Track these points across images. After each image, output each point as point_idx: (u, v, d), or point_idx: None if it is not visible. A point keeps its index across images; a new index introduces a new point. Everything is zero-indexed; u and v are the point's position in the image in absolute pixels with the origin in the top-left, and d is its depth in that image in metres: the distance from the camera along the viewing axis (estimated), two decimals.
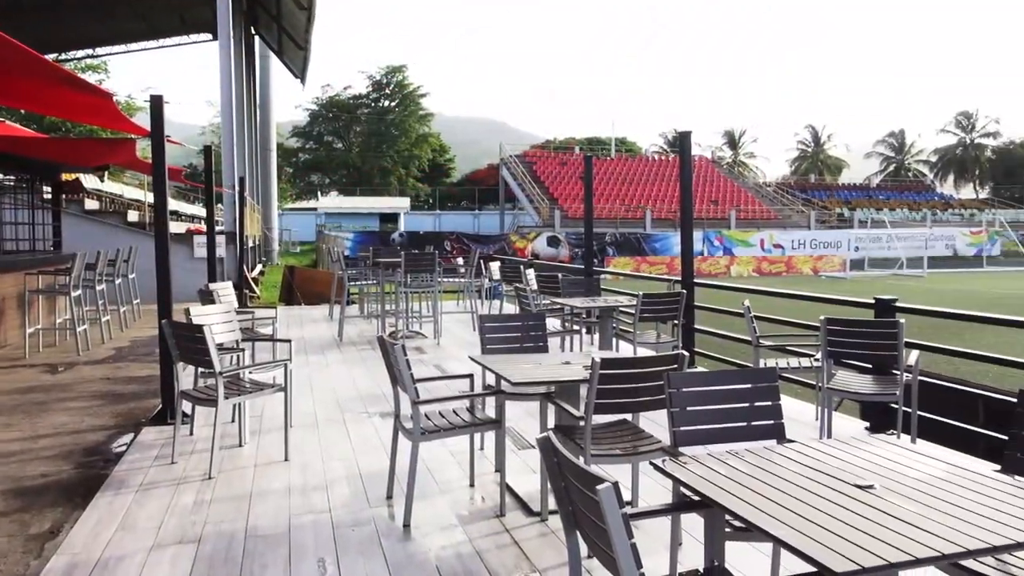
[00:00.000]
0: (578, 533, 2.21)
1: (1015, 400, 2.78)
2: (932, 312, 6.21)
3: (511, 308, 12.36)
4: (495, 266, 13.30)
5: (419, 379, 4.18)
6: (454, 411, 4.45)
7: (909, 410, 5.08)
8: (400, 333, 10.72)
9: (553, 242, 37.77)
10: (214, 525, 4.05)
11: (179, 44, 27.62)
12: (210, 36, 24.28)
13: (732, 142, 76.32)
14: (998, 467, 2.73)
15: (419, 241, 34.44)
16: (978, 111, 72.70)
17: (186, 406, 5.54)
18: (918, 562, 1.75)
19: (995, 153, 70.04)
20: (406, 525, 4.01)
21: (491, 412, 4.46)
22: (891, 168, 73.88)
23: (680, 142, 7.98)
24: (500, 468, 4.37)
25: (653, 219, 41.84)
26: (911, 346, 5.25)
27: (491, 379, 4.67)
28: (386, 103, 60.43)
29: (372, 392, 7.26)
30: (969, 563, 2.32)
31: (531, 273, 10.77)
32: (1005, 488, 2.22)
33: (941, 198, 57.14)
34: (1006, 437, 2.78)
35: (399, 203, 52.85)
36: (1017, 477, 2.61)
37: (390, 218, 50.19)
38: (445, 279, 13.00)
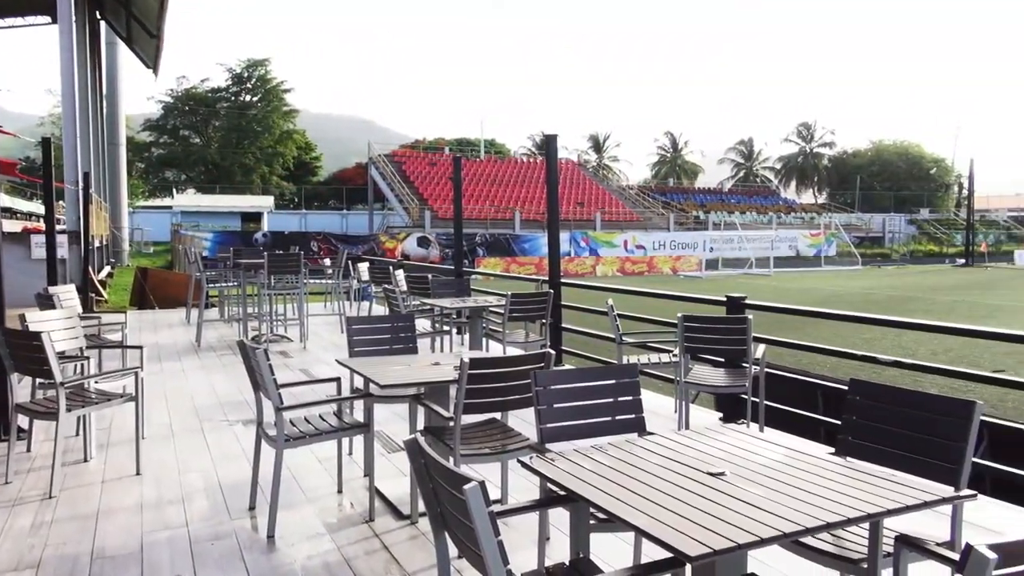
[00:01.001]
0: (447, 534, 2.22)
1: (847, 388, 3.03)
2: (777, 308, 6.68)
3: (380, 310, 12.19)
4: (364, 267, 13.08)
5: (283, 384, 4.04)
6: (320, 416, 4.34)
7: (758, 400, 5.44)
8: (263, 337, 10.33)
9: (423, 243, 37.61)
10: (55, 548, 3.74)
11: (13, 27, 25.33)
12: (49, 19, 22.41)
13: (597, 146, 78.79)
14: (833, 450, 2.97)
15: (284, 241, 33.31)
16: (816, 122, 79.00)
17: (22, 420, 5.09)
18: (763, 542, 1.87)
19: (831, 161, 76.12)
20: (270, 536, 3.86)
21: (360, 416, 4.38)
22: (741, 174, 78.73)
23: (546, 145, 8.15)
24: (369, 473, 4.31)
25: (522, 220, 42.52)
26: (759, 340, 5.61)
27: (359, 382, 4.59)
28: (247, 98, 57.99)
29: (233, 399, 6.95)
30: (808, 540, 2.52)
31: (400, 274, 10.66)
32: (838, 469, 2.42)
33: (785, 202, 61.49)
34: (839, 422, 3.03)
35: (262, 202, 50.88)
36: (849, 459, 2.85)
37: (252, 217, 48.21)
38: (311, 281, 12.65)
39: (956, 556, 2.24)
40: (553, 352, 3.95)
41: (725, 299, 6.32)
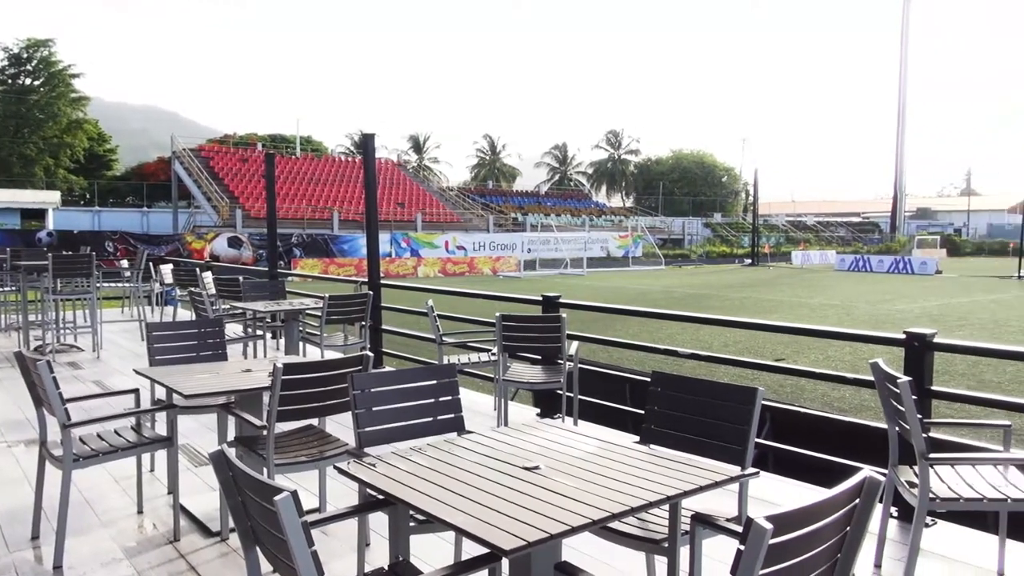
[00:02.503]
0: (258, 549, 2.12)
1: (650, 380, 3.24)
2: (589, 307, 7.02)
3: (186, 315, 11.42)
4: (167, 269, 12.17)
5: (72, 398, 3.68)
6: (116, 432, 3.99)
7: (572, 395, 5.68)
8: (48, 347, 9.33)
9: (234, 243, 35.66)
10: None
11: None
12: None
13: (417, 147, 78.71)
14: (638, 439, 3.17)
15: (73, 241, 30.22)
16: (623, 131, 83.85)
17: None
18: (573, 530, 1.96)
19: (637, 168, 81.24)
20: (57, 567, 3.50)
21: (162, 429, 4.08)
22: (556, 178, 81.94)
23: (364, 144, 8.02)
24: (173, 489, 4.02)
25: (341, 220, 41.53)
26: (572, 338, 5.87)
27: (161, 393, 4.27)
28: (28, 81, 52.04)
29: (12, 417, 6.22)
30: (616, 524, 2.67)
31: (208, 276, 10.05)
32: (641, 457, 2.59)
33: (596, 206, 64.76)
34: (644, 412, 3.24)
35: (46, 197, 45.74)
36: (652, 446, 3.06)
37: (34, 214, 43.26)
38: (106, 284, 11.59)
39: (741, 529, 2.47)
40: (372, 355, 3.89)
41: (541, 298, 6.54)
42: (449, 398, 3.34)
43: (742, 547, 1.56)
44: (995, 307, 22.10)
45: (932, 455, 3.19)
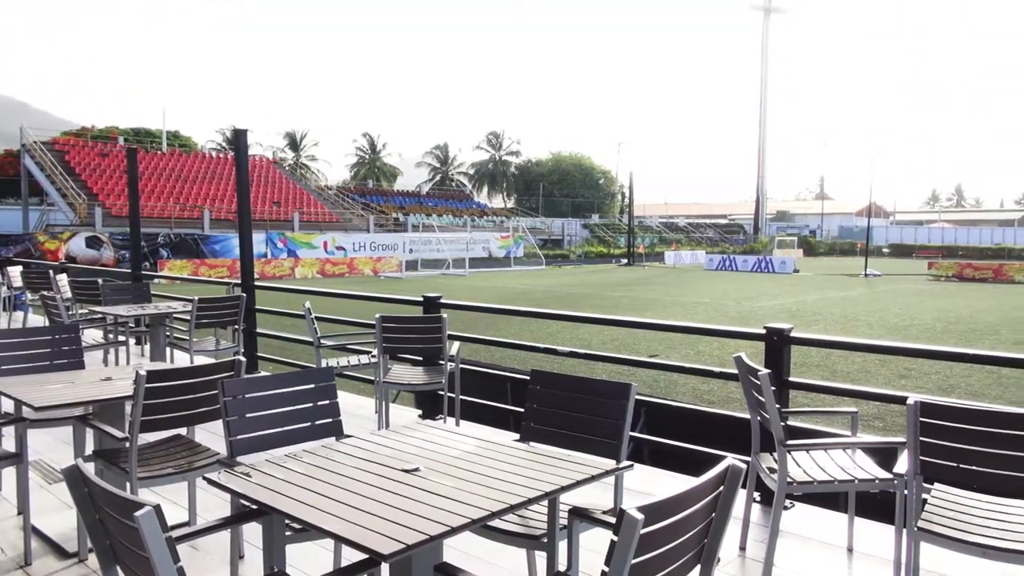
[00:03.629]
0: (119, 569, 1.99)
1: (529, 378, 3.29)
2: (470, 307, 7.04)
3: (39, 320, 10.58)
4: (15, 271, 11.24)
5: None
6: None
7: (454, 395, 5.68)
8: None
9: (94, 243, 33.37)
10: None
11: None
12: None
13: (294, 144, 76.40)
14: (518, 437, 3.21)
15: None
16: (504, 132, 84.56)
17: None
18: (453, 531, 1.96)
19: (518, 169, 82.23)
20: None
21: (10, 445, 3.76)
22: (438, 178, 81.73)
23: (236, 140, 7.71)
24: (24, 510, 3.71)
25: (212, 219, 39.70)
26: (454, 338, 5.87)
27: (9, 405, 3.94)
28: None
29: None
30: (497, 523, 2.69)
31: (63, 278, 9.36)
32: (521, 454, 2.63)
33: (478, 206, 65.10)
34: (523, 410, 3.28)
35: None
36: (532, 443, 3.11)
37: None
38: None
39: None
40: (244, 359, 3.75)
41: (422, 299, 6.51)
42: (327, 402, 3.27)
43: (615, 538, 1.61)
44: (845, 303, 23.90)
45: (789, 442, 3.41)
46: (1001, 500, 3.04)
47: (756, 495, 4.21)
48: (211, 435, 4.55)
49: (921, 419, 2.86)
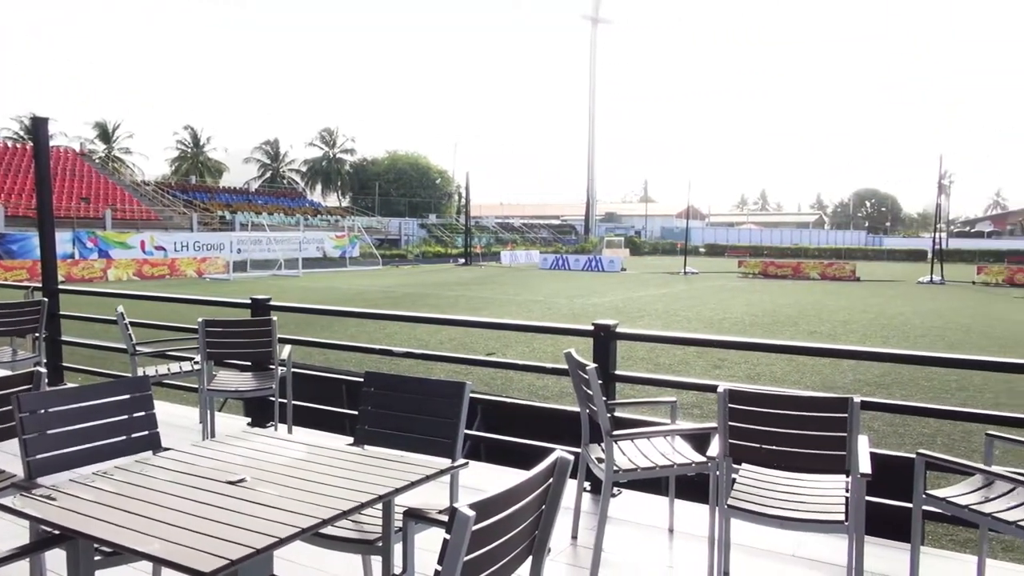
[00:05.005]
0: None
1: (363, 381, 3.25)
2: (301, 309, 6.82)
3: None
4: None
5: None
6: None
7: (286, 401, 5.48)
8: None
9: None
10: None
11: None
12: None
13: (105, 135, 70.36)
14: (352, 440, 3.15)
15: None
16: (338, 129, 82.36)
17: None
18: (282, 541, 1.90)
19: (353, 167, 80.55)
20: None
21: None
22: (268, 175, 78.33)
23: (35, 130, 6.99)
24: None
25: (8, 216, 35.73)
26: (285, 341, 5.66)
27: None
28: None
29: None
30: (330, 530, 2.63)
31: None
32: (354, 458, 2.58)
33: (312, 205, 63.14)
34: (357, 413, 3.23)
35: None
36: (366, 447, 3.06)
37: None
38: None
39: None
40: (44, 370, 3.41)
41: (250, 301, 6.22)
42: (142, 414, 3.05)
43: (448, 536, 1.62)
44: (667, 299, 25.49)
45: (615, 432, 3.59)
46: (796, 475, 3.37)
47: (586, 485, 4.39)
48: (7, 456, 4.11)
49: (729, 405, 3.11)
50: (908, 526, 3.20)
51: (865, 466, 3.03)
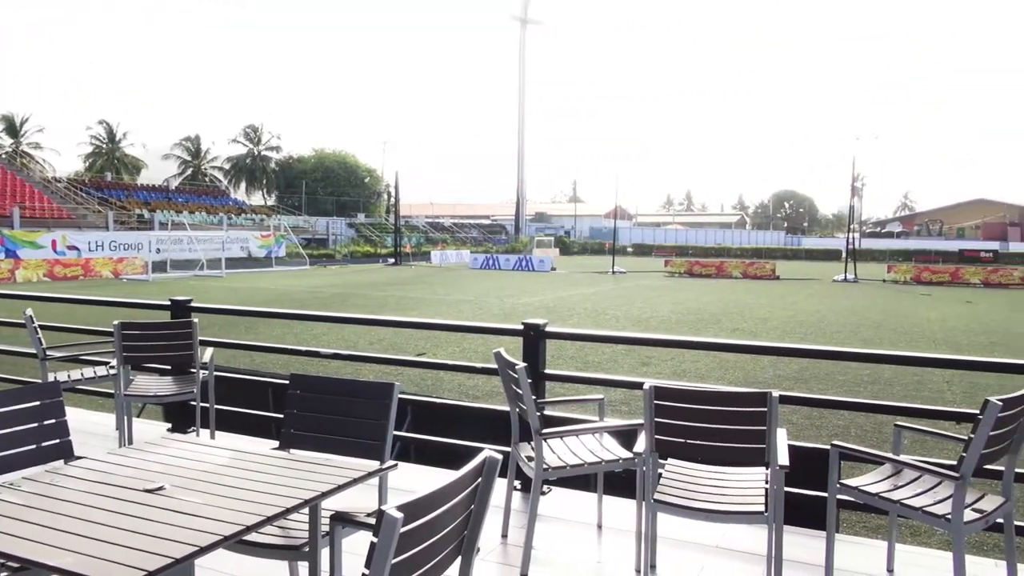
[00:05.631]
0: None
1: (288, 383, 3.18)
2: (224, 310, 6.63)
3: None
4: None
5: None
6: None
7: (208, 405, 5.32)
8: None
9: None
10: None
11: None
12: None
13: (12, 129, 66.82)
14: (277, 444, 3.09)
15: None
16: (263, 126, 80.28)
17: None
18: (203, 550, 1.84)
19: (278, 165, 78.67)
20: None
21: None
22: (189, 172, 75.82)
23: None
24: None
25: None
26: (206, 344, 5.50)
27: None
28: None
29: None
30: (254, 536, 2.56)
31: None
32: (279, 463, 2.53)
33: (235, 203, 61.45)
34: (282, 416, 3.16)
35: None
36: (292, 450, 3.01)
37: None
38: None
39: None
40: None
41: (169, 303, 6.02)
42: (52, 421, 2.91)
43: (375, 539, 1.61)
44: (596, 298, 25.85)
45: (545, 431, 3.62)
46: (719, 469, 3.47)
47: (517, 483, 4.42)
48: None
49: (655, 402, 3.17)
50: (825, 515, 3.33)
51: (783, 458, 3.14)
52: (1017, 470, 3.27)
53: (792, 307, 23.91)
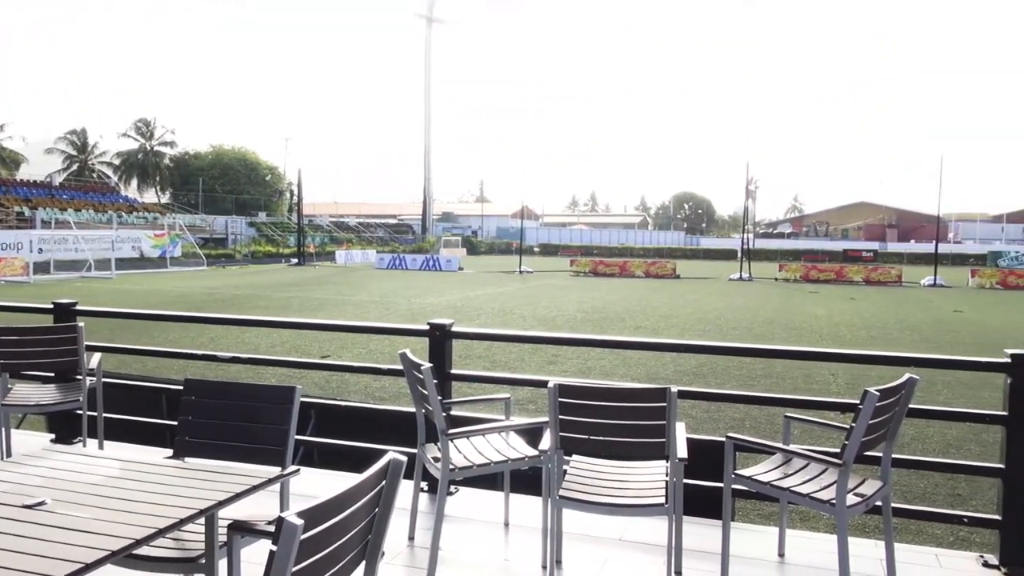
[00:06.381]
0: None
1: (183, 389, 3.05)
2: (114, 313, 6.30)
3: None
4: None
5: None
6: None
7: (95, 414, 5.04)
8: None
9: None
10: None
11: None
12: None
13: None
14: (171, 453, 2.96)
15: None
16: (156, 120, 76.60)
17: None
18: (88, 567, 1.74)
19: (173, 161, 75.26)
20: None
21: None
22: (75, 167, 71.55)
23: None
24: None
25: None
26: (94, 349, 5.21)
27: None
28: None
29: None
30: (145, 550, 2.45)
31: None
32: (174, 472, 2.43)
33: (126, 201, 58.42)
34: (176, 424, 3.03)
35: None
36: (187, 459, 2.89)
37: None
38: None
39: None
40: None
41: (52, 306, 5.67)
42: None
43: (274, 548, 1.57)
44: (503, 298, 26.00)
45: (451, 431, 3.62)
46: (622, 463, 3.56)
47: (424, 485, 4.39)
48: None
49: (559, 399, 3.22)
50: (721, 504, 3.47)
51: (682, 451, 3.25)
52: (894, 455, 3.50)
53: (692, 305, 24.76)
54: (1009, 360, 3.68)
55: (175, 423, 5.47)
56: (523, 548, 3.85)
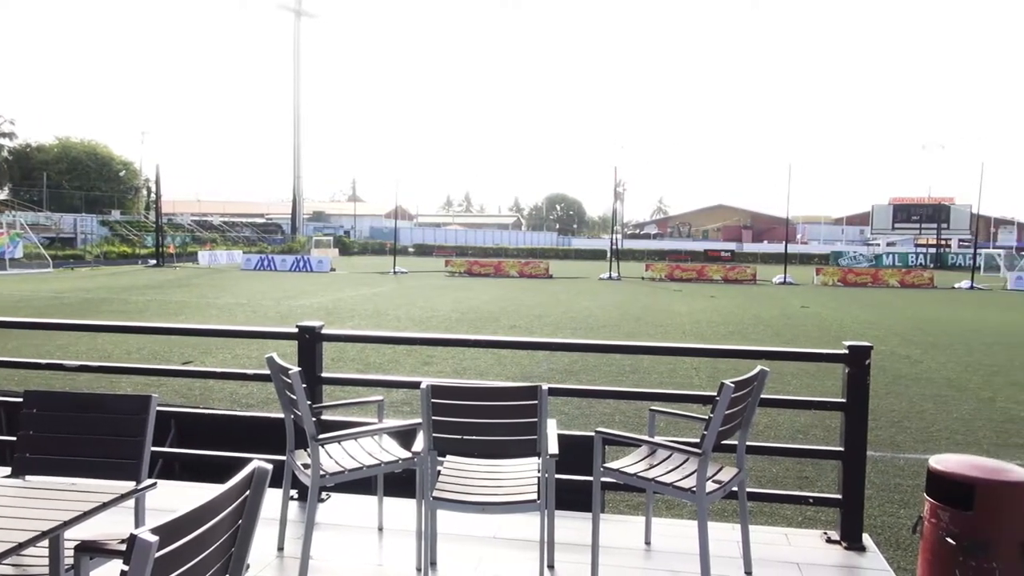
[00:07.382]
0: None
1: (22, 401, 2.82)
2: None
3: None
4: None
5: None
6: None
7: None
8: None
9: None
10: None
11: None
12: None
13: None
14: (9, 472, 2.72)
15: None
16: None
17: None
18: None
19: (12, 155, 69.11)
20: None
21: None
22: None
23: None
24: None
25: None
26: None
27: None
28: None
29: None
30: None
31: None
32: (12, 492, 2.24)
33: None
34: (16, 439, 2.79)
35: None
36: (28, 477, 2.67)
37: None
38: None
39: None
40: None
41: None
42: None
43: (126, 568, 1.48)
44: (377, 299, 25.62)
45: (321, 436, 3.53)
46: (496, 462, 3.60)
47: (294, 493, 4.27)
48: None
49: (432, 400, 3.22)
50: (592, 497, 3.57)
51: (553, 447, 3.32)
52: (748, 443, 3.73)
53: (564, 304, 25.34)
54: (847, 352, 4.00)
55: (13, 439, 5.05)
56: (397, 551, 3.81)
